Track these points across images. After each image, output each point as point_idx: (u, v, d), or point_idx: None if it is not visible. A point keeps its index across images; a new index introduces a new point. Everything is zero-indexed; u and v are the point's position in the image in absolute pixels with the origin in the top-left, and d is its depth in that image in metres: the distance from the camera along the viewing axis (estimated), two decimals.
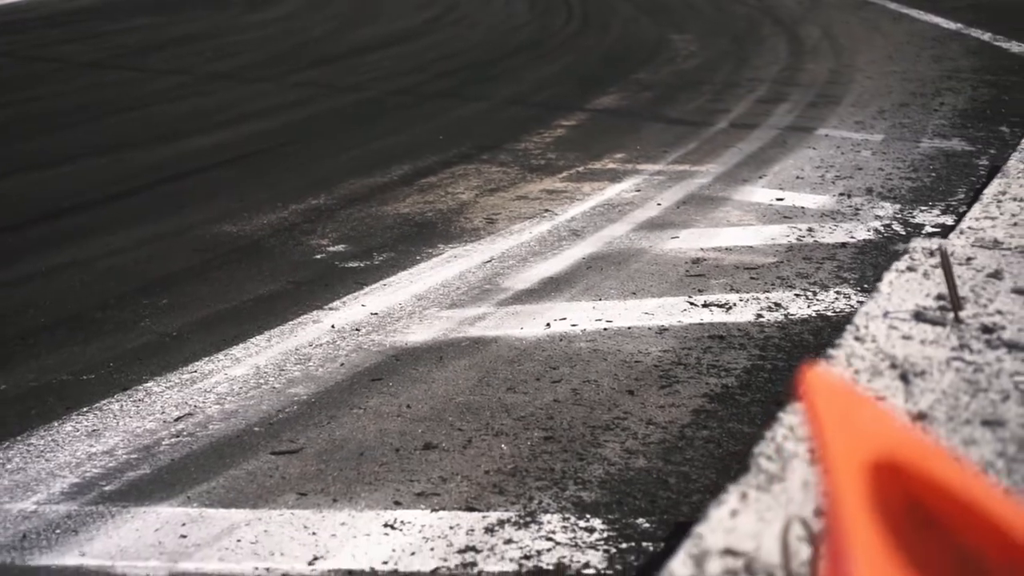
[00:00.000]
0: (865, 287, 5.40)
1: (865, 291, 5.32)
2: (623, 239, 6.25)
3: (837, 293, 5.41)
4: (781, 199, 6.95)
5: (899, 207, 6.76)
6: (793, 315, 5.15)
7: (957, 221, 5.73)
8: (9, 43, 14.11)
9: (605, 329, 5.01)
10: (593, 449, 3.95)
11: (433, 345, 4.87)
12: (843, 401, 1.18)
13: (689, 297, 5.38)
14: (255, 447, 4.00)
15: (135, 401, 4.37)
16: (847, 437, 1.12)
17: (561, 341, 4.89)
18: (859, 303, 5.16)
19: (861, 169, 7.60)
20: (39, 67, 12.56)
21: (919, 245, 4.48)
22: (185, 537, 3.44)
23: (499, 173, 7.67)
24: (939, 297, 3.93)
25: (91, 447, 4.00)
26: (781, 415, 2.97)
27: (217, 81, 11.36)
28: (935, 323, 3.68)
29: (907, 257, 4.33)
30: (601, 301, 5.34)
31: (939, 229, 6.24)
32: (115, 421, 4.20)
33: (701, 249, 6.06)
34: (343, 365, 4.67)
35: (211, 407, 4.31)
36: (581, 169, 7.75)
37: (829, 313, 5.16)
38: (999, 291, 3.99)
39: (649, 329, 5.01)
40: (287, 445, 4.01)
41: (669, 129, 8.96)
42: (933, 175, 7.45)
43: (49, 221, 6.75)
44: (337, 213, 6.80)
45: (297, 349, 4.83)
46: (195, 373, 4.61)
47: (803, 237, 6.23)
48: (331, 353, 4.79)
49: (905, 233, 6.24)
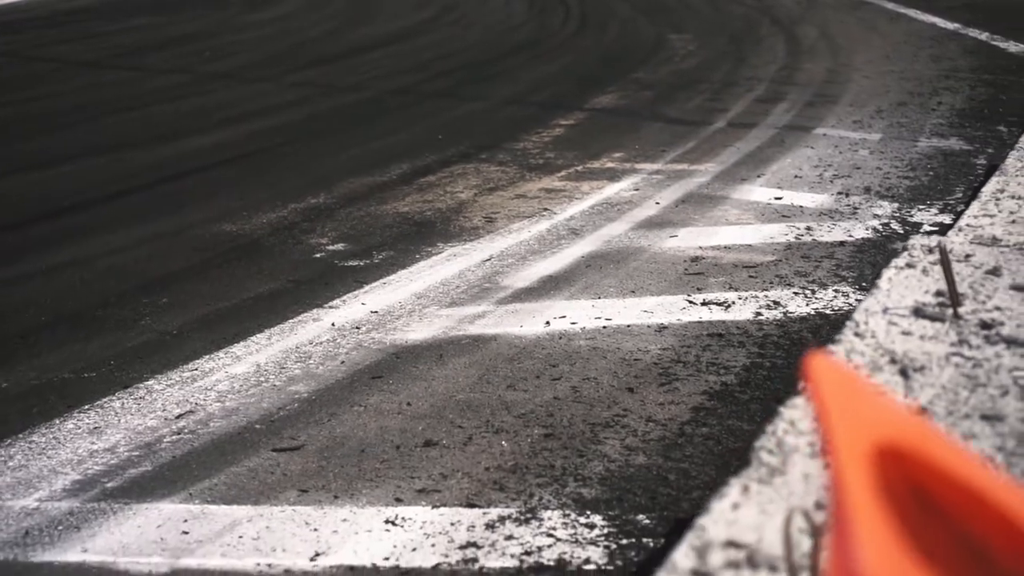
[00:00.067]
0: (863, 285, 5.41)
1: (863, 289, 5.33)
2: (622, 238, 6.27)
3: (836, 291, 5.42)
4: (779, 198, 6.96)
5: (897, 206, 6.78)
6: (792, 313, 5.16)
7: (955, 219, 5.74)
8: (8, 43, 14.12)
9: (604, 327, 5.02)
10: (593, 446, 3.96)
11: (433, 343, 4.88)
12: (847, 388, 1.20)
13: (688, 295, 5.39)
14: (256, 444, 4.01)
15: (136, 399, 4.38)
16: (851, 423, 1.13)
17: (561, 339, 4.90)
18: (857, 301, 5.17)
19: (859, 168, 7.61)
20: (38, 67, 12.56)
21: (918, 242, 4.50)
22: (187, 533, 3.45)
23: (498, 172, 7.68)
24: (938, 293, 3.94)
25: (93, 444, 4.01)
26: (782, 410, 2.98)
27: (216, 81, 11.37)
28: (934, 319, 3.70)
29: (906, 254, 4.35)
30: (600, 299, 5.35)
31: (937, 228, 6.25)
32: (116, 419, 4.21)
33: (700, 248, 6.08)
34: (343, 363, 4.68)
35: (212, 405, 4.32)
36: (580, 168, 7.76)
37: (828, 311, 5.18)
38: (997, 288, 4.01)
39: (648, 327, 5.02)
40: (288, 442, 4.03)
41: (667, 128, 8.97)
42: (931, 174, 7.46)
43: (49, 220, 6.76)
44: (336, 212, 6.81)
45: (297, 347, 4.84)
46: (196, 371, 4.62)
47: (801, 236, 6.24)
48: (331, 351, 4.80)
49: (903, 232, 6.25)
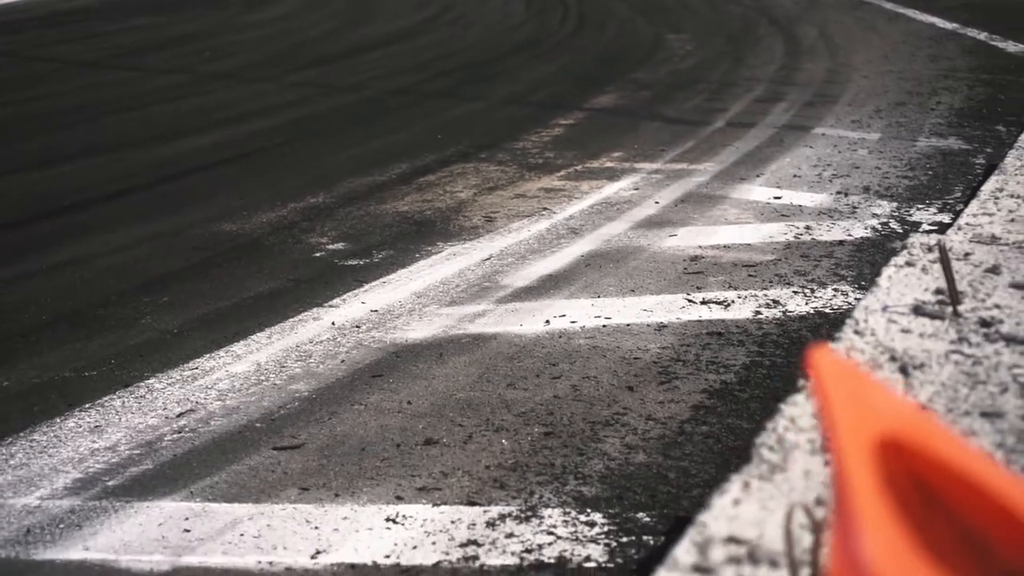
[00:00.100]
0: (863, 284, 5.42)
1: (863, 288, 5.34)
2: (621, 237, 6.27)
3: (835, 290, 5.43)
4: (779, 197, 6.97)
5: (896, 205, 6.79)
6: (791, 312, 5.17)
7: (954, 218, 5.75)
8: (7, 43, 14.13)
9: (604, 326, 5.03)
10: (593, 444, 3.97)
11: (433, 342, 4.88)
12: (850, 382, 1.20)
13: (687, 294, 5.40)
14: (257, 443, 4.02)
15: (137, 397, 4.38)
16: (854, 416, 1.14)
17: (560, 338, 4.91)
18: (856, 300, 5.18)
19: (858, 168, 7.62)
20: (38, 67, 12.57)
21: (918, 241, 4.51)
22: (188, 531, 3.46)
23: (497, 172, 7.69)
24: (938, 291, 3.95)
25: (94, 443, 4.02)
26: (782, 407, 2.99)
27: (216, 81, 11.38)
28: (934, 317, 3.70)
29: (906, 252, 4.36)
30: (600, 298, 5.36)
31: (936, 227, 6.26)
32: (117, 417, 4.22)
33: (699, 247, 6.08)
34: (344, 362, 4.69)
35: (213, 403, 4.33)
36: (579, 168, 7.77)
37: (827, 310, 5.18)
38: (997, 286, 4.02)
39: (648, 326, 5.03)
40: (289, 441, 4.03)
41: (666, 128, 8.98)
42: (930, 173, 7.47)
43: (50, 219, 6.76)
44: (336, 211, 6.82)
45: (298, 346, 4.85)
46: (196, 370, 4.62)
47: (801, 235, 6.25)
48: (332, 350, 4.81)
49: (902, 231, 6.26)
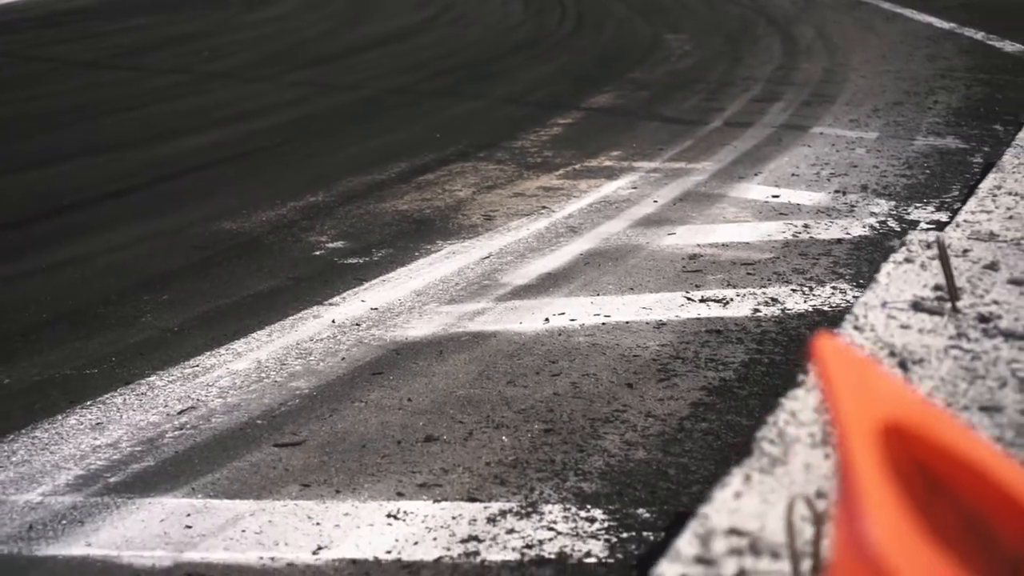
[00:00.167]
0: (861, 282, 5.43)
1: (861, 286, 5.35)
2: (620, 235, 6.29)
3: (833, 288, 5.44)
4: (777, 196, 6.99)
5: (894, 204, 6.80)
6: (790, 310, 5.18)
7: (952, 216, 5.76)
8: (6, 43, 14.13)
9: (603, 324, 5.04)
10: (593, 441, 3.98)
11: (433, 340, 4.90)
12: (854, 368, 1.22)
13: (686, 292, 5.41)
14: (258, 439, 4.03)
15: (138, 395, 4.40)
16: (858, 402, 1.15)
17: (560, 336, 4.92)
18: (855, 298, 5.19)
19: (856, 167, 7.64)
20: (36, 67, 12.57)
21: (916, 237, 4.52)
22: (190, 527, 3.47)
23: (496, 171, 7.70)
24: (936, 288, 3.96)
25: (95, 440, 4.03)
26: (783, 401, 3.01)
27: (215, 80, 11.39)
28: (933, 313, 3.72)
29: (905, 249, 4.37)
30: (599, 296, 5.37)
31: (934, 225, 6.28)
32: (118, 414, 4.23)
33: (698, 245, 6.10)
34: (344, 359, 4.70)
35: (213, 400, 4.34)
36: (577, 167, 7.78)
37: (826, 308, 5.20)
38: (995, 282, 4.03)
39: (647, 324, 5.04)
40: (290, 437, 4.04)
41: (664, 127, 8.99)
42: (927, 172, 7.49)
43: (49, 219, 6.77)
44: (336, 210, 6.83)
45: (298, 344, 4.86)
46: (197, 367, 4.64)
47: (799, 233, 6.26)
48: (332, 348, 4.82)
49: (900, 229, 6.27)
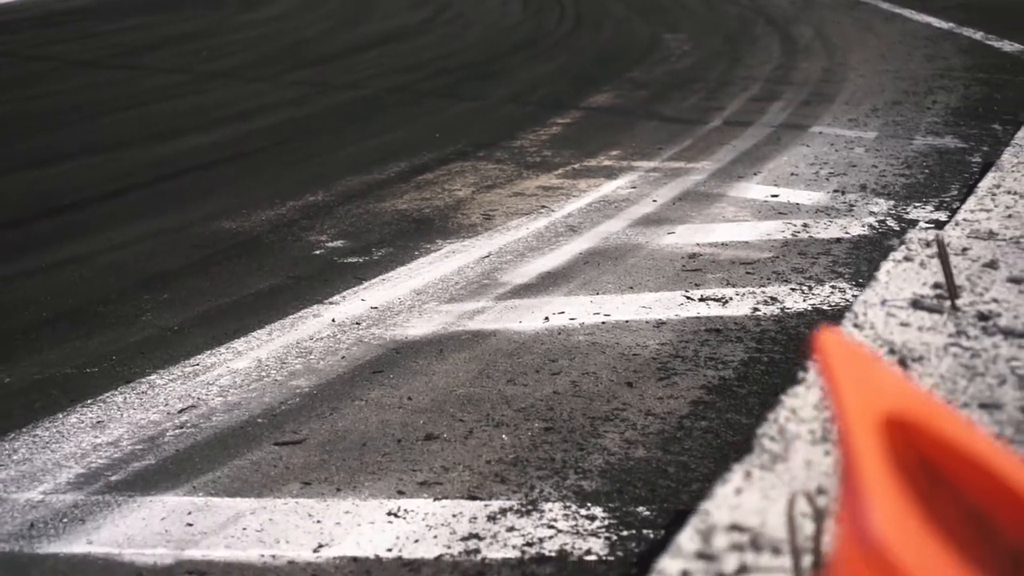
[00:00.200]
0: (860, 281, 5.44)
1: (860, 285, 5.36)
2: (619, 235, 6.29)
3: (832, 287, 5.45)
4: (776, 195, 7.00)
5: (893, 203, 6.81)
6: (789, 309, 5.19)
7: (951, 215, 5.77)
8: (5, 43, 14.13)
9: (603, 323, 5.05)
10: (593, 439, 3.99)
11: (433, 338, 4.90)
12: (857, 361, 1.22)
13: (686, 291, 5.42)
14: (258, 438, 4.04)
15: (139, 393, 4.40)
16: (861, 394, 1.16)
17: (560, 334, 4.93)
18: (854, 297, 5.20)
19: (855, 166, 7.65)
20: (35, 67, 12.58)
21: (916, 236, 4.53)
22: (191, 525, 3.48)
23: (495, 170, 7.71)
24: (936, 286, 3.97)
25: (96, 438, 4.04)
26: (783, 398, 3.01)
27: (214, 80, 11.39)
28: (932, 311, 3.73)
29: (904, 247, 4.38)
30: (599, 295, 5.38)
31: (932, 225, 6.29)
32: (119, 413, 4.24)
33: (697, 244, 6.10)
34: (344, 358, 4.71)
35: (214, 399, 4.34)
36: (577, 166, 7.79)
37: (825, 307, 5.20)
38: (995, 280, 4.04)
39: (647, 323, 5.05)
40: (290, 436, 4.05)
41: (663, 127, 9.00)
42: (926, 172, 7.50)
43: (49, 218, 6.78)
44: (335, 209, 6.83)
45: (298, 342, 4.87)
46: (197, 366, 4.64)
47: (798, 233, 6.27)
48: (332, 346, 4.82)
49: (899, 229, 6.28)
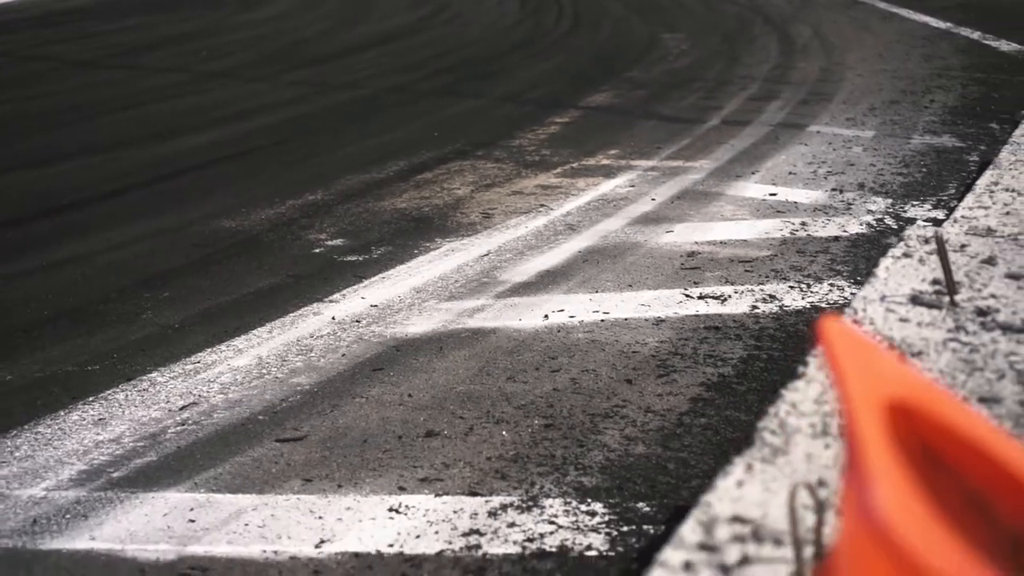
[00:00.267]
0: (858, 279, 5.46)
1: (858, 283, 5.38)
2: (618, 233, 6.31)
3: (831, 285, 5.47)
4: (774, 194, 7.01)
5: (891, 202, 6.83)
6: (788, 306, 5.21)
7: (948, 214, 5.79)
8: (3, 43, 14.13)
9: (602, 320, 5.06)
10: (593, 436, 4.00)
11: (433, 336, 4.91)
12: (860, 348, 1.24)
13: (685, 289, 5.43)
14: (260, 435, 4.05)
15: (140, 391, 4.41)
16: (865, 380, 1.17)
17: (559, 332, 4.94)
18: (852, 295, 5.21)
19: (853, 165, 7.66)
20: (34, 66, 12.58)
21: (914, 233, 4.55)
22: (193, 521, 3.49)
23: (494, 169, 7.72)
24: (935, 282, 3.99)
25: (98, 435, 4.05)
26: (783, 392, 3.03)
27: (212, 80, 11.40)
28: (931, 306, 3.74)
29: (903, 244, 4.40)
30: (598, 293, 5.40)
31: (930, 223, 6.30)
32: (121, 410, 4.25)
33: (695, 243, 6.12)
34: (344, 356, 4.72)
35: (215, 396, 4.36)
36: (575, 165, 7.80)
37: (823, 304, 5.22)
38: (993, 276, 4.06)
39: (646, 320, 5.06)
40: (291, 433, 4.06)
41: (662, 126, 9.01)
42: (924, 171, 7.51)
43: (49, 217, 6.78)
44: (335, 208, 6.84)
45: (299, 340, 4.88)
46: (198, 364, 4.65)
47: (796, 231, 6.28)
48: (332, 344, 4.84)
49: (897, 227, 6.30)
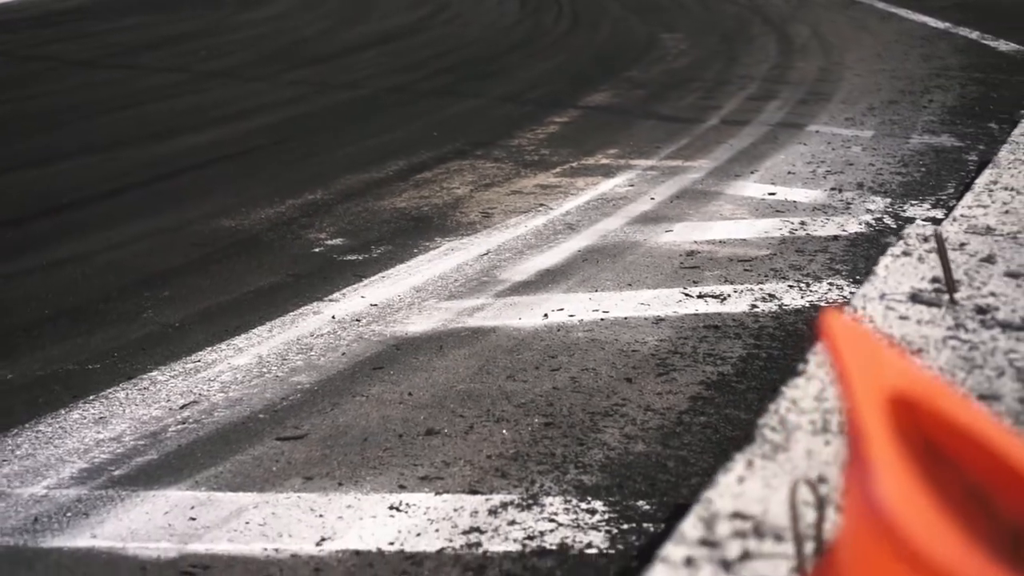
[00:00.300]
0: (857, 278, 5.46)
1: (857, 282, 5.38)
2: (618, 232, 6.31)
3: (830, 284, 5.47)
4: (773, 193, 7.02)
5: (889, 201, 6.84)
6: (787, 305, 5.21)
7: (947, 213, 5.80)
8: (2, 43, 14.14)
9: (602, 319, 5.07)
10: (593, 434, 4.01)
11: (433, 335, 4.92)
12: (863, 341, 1.25)
13: (684, 288, 5.44)
14: (260, 433, 4.06)
15: (140, 390, 4.42)
16: (868, 373, 1.18)
17: (559, 331, 4.95)
18: (852, 293, 5.22)
19: (852, 164, 7.67)
20: (33, 66, 12.58)
21: (914, 231, 4.56)
22: (194, 520, 3.49)
23: (494, 169, 7.73)
24: (934, 280, 4.00)
25: (99, 434, 4.05)
26: (784, 389, 3.04)
27: (212, 79, 11.41)
28: (931, 304, 3.75)
29: (902, 243, 4.41)
30: (597, 292, 5.40)
31: (929, 222, 6.31)
32: (121, 409, 4.25)
33: (695, 242, 6.13)
34: (344, 354, 4.72)
35: (216, 395, 4.36)
36: (574, 164, 7.81)
37: (822, 303, 5.23)
38: (992, 274, 4.07)
39: (645, 319, 5.07)
40: (292, 431, 4.07)
41: (661, 126, 9.02)
42: (923, 170, 7.52)
43: (48, 217, 6.79)
44: (334, 208, 6.85)
45: (299, 339, 4.88)
46: (199, 363, 4.66)
47: (795, 230, 6.29)
48: (332, 343, 4.84)
49: (896, 226, 6.31)
